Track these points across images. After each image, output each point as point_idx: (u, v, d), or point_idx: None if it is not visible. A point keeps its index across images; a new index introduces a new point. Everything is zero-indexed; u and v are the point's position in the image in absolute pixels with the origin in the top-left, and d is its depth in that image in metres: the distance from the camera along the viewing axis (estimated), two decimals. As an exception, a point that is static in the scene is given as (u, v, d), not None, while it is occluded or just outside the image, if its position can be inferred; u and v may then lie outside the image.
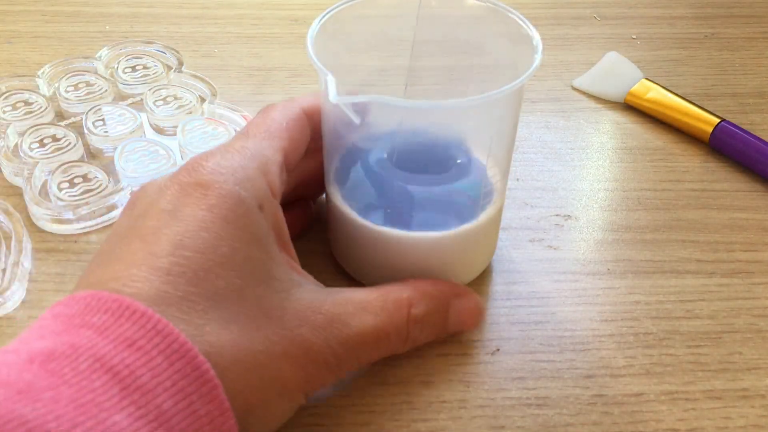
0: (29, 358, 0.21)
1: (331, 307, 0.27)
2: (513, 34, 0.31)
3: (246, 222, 0.26)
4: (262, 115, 0.31)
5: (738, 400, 0.30)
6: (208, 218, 0.25)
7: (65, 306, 0.23)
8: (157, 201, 0.26)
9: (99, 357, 0.21)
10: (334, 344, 0.26)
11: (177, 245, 0.24)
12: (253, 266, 0.26)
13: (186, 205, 0.25)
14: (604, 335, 0.33)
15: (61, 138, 0.40)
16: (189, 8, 0.55)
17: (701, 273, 0.36)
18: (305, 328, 0.26)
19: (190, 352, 0.22)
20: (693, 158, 0.43)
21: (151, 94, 0.44)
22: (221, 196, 0.26)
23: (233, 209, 0.26)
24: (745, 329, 0.33)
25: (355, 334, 0.27)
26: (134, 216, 0.27)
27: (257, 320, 0.25)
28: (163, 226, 0.25)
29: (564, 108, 0.47)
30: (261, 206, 0.27)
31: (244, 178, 0.27)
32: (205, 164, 0.27)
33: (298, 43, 0.52)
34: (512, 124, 0.31)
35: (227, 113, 0.44)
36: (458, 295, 0.31)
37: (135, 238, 0.25)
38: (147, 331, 0.22)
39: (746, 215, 0.39)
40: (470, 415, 0.29)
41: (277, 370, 0.25)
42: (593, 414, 0.29)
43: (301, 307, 0.26)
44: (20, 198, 0.38)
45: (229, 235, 0.25)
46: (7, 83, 0.45)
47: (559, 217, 0.39)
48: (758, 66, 0.50)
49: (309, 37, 0.29)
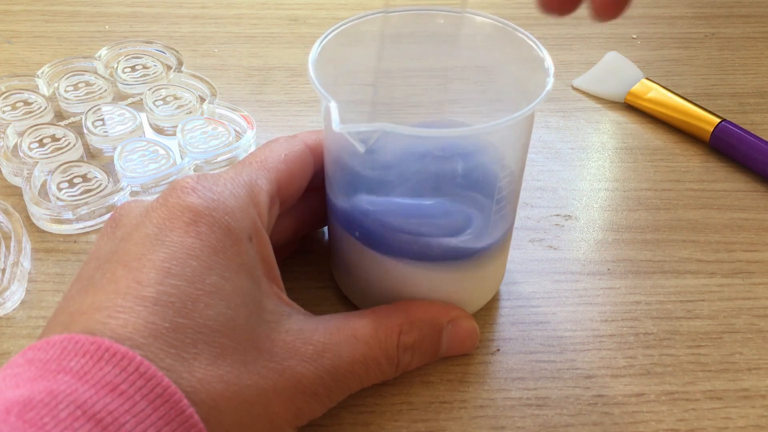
0: (5, 409, 0.20)
1: (321, 337, 0.26)
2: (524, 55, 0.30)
3: (235, 252, 0.25)
4: (261, 148, 0.30)
5: (738, 401, 0.30)
6: (196, 246, 0.24)
7: (39, 351, 0.22)
8: (143, 223, 0.25)
9: (80, 404, 0.20)
10: (324, 375, 0.26)
11: (164, 273, 0.23)
12: (243, 297, 0.25)
13: (173, 230, 0.24)
14: (605, 335, 0.33)
15: (60, 138, 0.40)
16: (188, 8, 0.55)
17: (702, 273, 0.36)
18: (295, 360, 0.25)
19: (174, 396, 0.21)
20: (693, 158, 0.43)
21: (150, 93, 0.44)
22: (210, 225, 0.25)
23: (222, 239, 0.25)
24: (746, 329, 0.33)
25: (346, 364, 0.27)
26: (117, 239, 0.25)
27: (247, 353, 0.24)
28: (148, 252, 0.24)
29: (564, 108, 0.47)
30: (250, 237, 0.26)
31: (235, 207, 0.26)
32: (196, 188, 0.26)
33: (297, 42, 0.52)
34: (523, 149, 0.30)
35: (227, 113, 0.43)
36: (452, 320, 0.30)
37: (118, 264, 0.24)
38: (129, 375, 0.21)
39: (747, 215, 0.39)
40: (470, 415, 0.29)
41: (266, 406, 0.24)
42: (593, 414, 0.29)
43: (291, 339, 0.26)
44: (20, 198, 0.38)
45: (218, 264, 0.24)
46: (7, 83, 0.45)
47: (560, 217, 0.39)
48: (758, 66, 0.50)
49: (310, 61, 0.28)
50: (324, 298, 0.34)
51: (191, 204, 0.25)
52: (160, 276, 0.23)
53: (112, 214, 0.27)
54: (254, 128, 0.42)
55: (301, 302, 0.28)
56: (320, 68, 0.28)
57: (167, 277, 0.23)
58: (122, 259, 0.24)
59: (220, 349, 0.23)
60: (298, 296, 0.31)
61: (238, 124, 0.43)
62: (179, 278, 0.23)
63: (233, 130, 0.42)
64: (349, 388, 0.27)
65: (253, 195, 0.27)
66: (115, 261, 0.24)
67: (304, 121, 0.45)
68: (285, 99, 0.46)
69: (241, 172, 0.28)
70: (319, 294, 0.34)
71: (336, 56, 0.30)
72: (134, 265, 0.23)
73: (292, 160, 0.30)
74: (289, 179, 0.29)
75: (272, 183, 0.28)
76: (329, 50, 0.29)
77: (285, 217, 0.31)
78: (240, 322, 0.24)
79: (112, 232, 0.26)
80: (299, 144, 0.31)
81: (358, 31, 0.30)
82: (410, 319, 0.29)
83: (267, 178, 0.28)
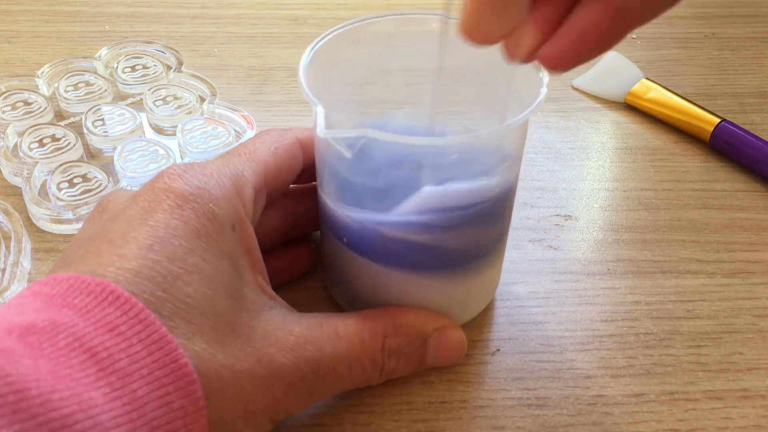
0: (8, 329, 0.21)
1: (303, 329, 0.26)
2: None
3: (218, 239, 0.25)
4: (253, 138, 0.30)
5: (739, 401, 0.30)
6: (179, 227, 0.24)
7: (46, 285, 0.23)
8: (129, 206, 0.25)
9: (78, 337, 0.21)
10: (304, 367, 0.26)
11: (147, 249, 0.23)
12: (223, 280, 0.25)
13: (158, 211, 0.25)
14: (605, 335, 0.33)
15: (60, 138, 0.40)
16: (188, 8, 0.55)
17: (702, 273, 0.36)
18: (274, 348, 0.25)
19: (170, 344, 0.22)
20: (693, 158, 0.43)
21: (150, 93, 0.44)
22: (195, 210, 0.25)
23: (206, 224, 0.25)
24: (746, 329, 0.33)
25: (327, 359, 0.26)
26: (103, 221, 0.26)
27: (223, 334, 0.24)
28: (132, 230, 0.24)
29: (564, 108, 0.46)
30: (233, 227, 0.26)
31: (220, 196, 0.26)
32: (183, 175, 0.26)
33: (298, 42, 0.51)
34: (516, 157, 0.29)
35: (227, 113, 0.43)
36: (439, 329, 0.29)
37: (102, 241, 0.24)
38: (129, 318, 0.22)
39: (747, 215, 0.39)
40: (470, 415, 0.29)
41: (240, 390, 0.24)
42: (593, 414, 0.29)
43: (272, 328, 0.26)
44: (20, 198, 0.38)
45: (200, 247, 0.24)
46: (7, 83, 0.45)
47: (560, 217, 0.39)
48: (758, 66, 0.50)
49: (301, 66, 0.28)
50: (313, 299, 0.34)
51: (177, 189, 0.25)
52: (142, 251, 0.23)
53: (99, 201, 0.28)
54: (254, 128, 0.42)
55: (289, 302, 0.28)
56: (316, 71, 0.28)
57: (149, 252, 0.23)
58: (106, 237, 0.24)
59: (197, 326, 0.23)
60: (286, 295, 0.30)
61: (238, 124, 0.43)
62: (161, 254, 0.24)
63: (233, 130, 0.42)
64: (330, 386, 0.27)
65: (239, 186, 0.27)
66: (99, 238, 0.24)
67: (304, 122, 0.45)
68: (285, 99, 0.46)
69: (228, 162, 0.28)
70: (307, 294, 0.34)
71: (333, 58, 0.29)
72: (118, 242, 0.24)
73: (281, 154, 0.30)
74: (276, 172, 0.29)
75: (259, 176, 0.28)
76: (326, 52, 0.29)
77: (272, 211, 0.31)
78: (219, 304, 0.24)
79: (98, 216, 0.27)
80: (290, 138, 0.30)
81: (357, 33, 0.30)
82: (396, 323, 0.28)
83: (254, 170, 0.28)
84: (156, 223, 0.24)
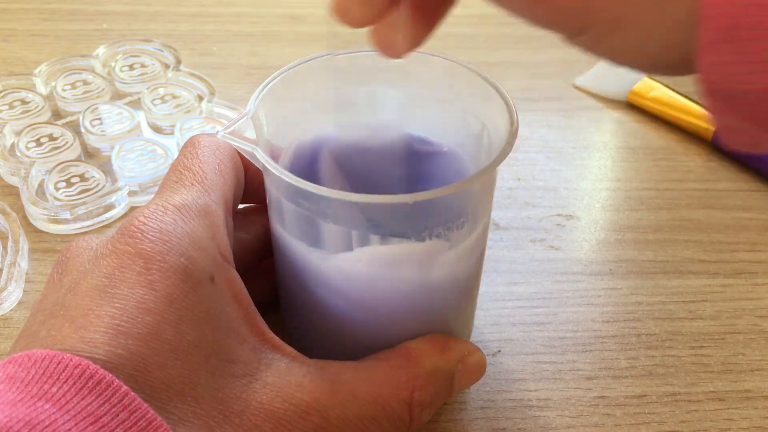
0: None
1: (306, 393, 0.23)
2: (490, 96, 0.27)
3: (195, 299, 0.22)
4: (189, 158, 0.26)
5: (741, 402, 0.30)
6: (149, 298, 0.22)
7: (20, 367, 0.20)
8: (92, 272, 0.23)
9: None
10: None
11: (114, 331, 0.21)
12: (205, 352, 0.22)
13: (123, 281, 0.22)
14: (606, 336, 0.32)
15: (57, 137, 0.40)
16: (187, 6, 0.55)
17: (704, 273, 0.35)
18: (270, 425, 0.22)
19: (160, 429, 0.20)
20: (696, 157, 0.43)
21: (148, 92, 0.43)
22: (164, 271, 0.22)
23: (179, 285, 0.22)
24: (748, 330, 0.33)
25: (335, 428, 0.23)
26: (64, 288, 0.23)
27: (211, 418, 0.21)
28: (96, 306, 0.21)
29: (566, 107, 0.46)
30: (212, 278, 0.23)
31: (190, 246, 0.23)
32: (144, 230, 0.23)
33: (297, 41, 0.51)
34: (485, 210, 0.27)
35: (226, 112, 0.43)
36: (461, 360, 0.27)
37: (64, 320, 0.21)
38: (112, 406, 0.19)
39: (749, 215, 0.39)
40: (471, 416, 0.29)
41: None
42: (595, 416, 0.29)
43: (267, 398, 0.23)
44: (17, 198, 0.38)
45: (173, 317, 0.22)
46: (4, 82, 0.45)
47: (561, 217, 0.38)
48: (761, 64, 0.50)
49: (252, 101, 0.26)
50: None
51: (142, 250, 0.22)
52: (107, 336, 0.21)
53: (59, 257, 0.25)
54: (253, 127, 0.42)
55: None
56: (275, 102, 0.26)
57: (117, 336, 0.21)
58: (68, 314, 0.22)
59: (178, 416, 0.21)
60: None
61: (237, 123, 0.43)
62: (130, 337, 0.21)
63: (232, 129, 0.41)
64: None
65: (210, 226, 0.24)
66: (60, 316, 0.22)
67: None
68: (284, 98, 0.46)
69: (186, 199, 0.24)
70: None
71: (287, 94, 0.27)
72: (81, 322, 0.21)
73: (226, 170, 0.26)
74: (230, 193, 0.26)
75: (220, 206, 0.25)
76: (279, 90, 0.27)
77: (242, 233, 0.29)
78: (201, 384, 0.22)
79: (59, 280, 0.24)
80: (226, 147, 0.27)
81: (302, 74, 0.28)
82: (421, 371, 0.25)
83: (213, 200, 0.25)
84: (123, 296, 0.22)
